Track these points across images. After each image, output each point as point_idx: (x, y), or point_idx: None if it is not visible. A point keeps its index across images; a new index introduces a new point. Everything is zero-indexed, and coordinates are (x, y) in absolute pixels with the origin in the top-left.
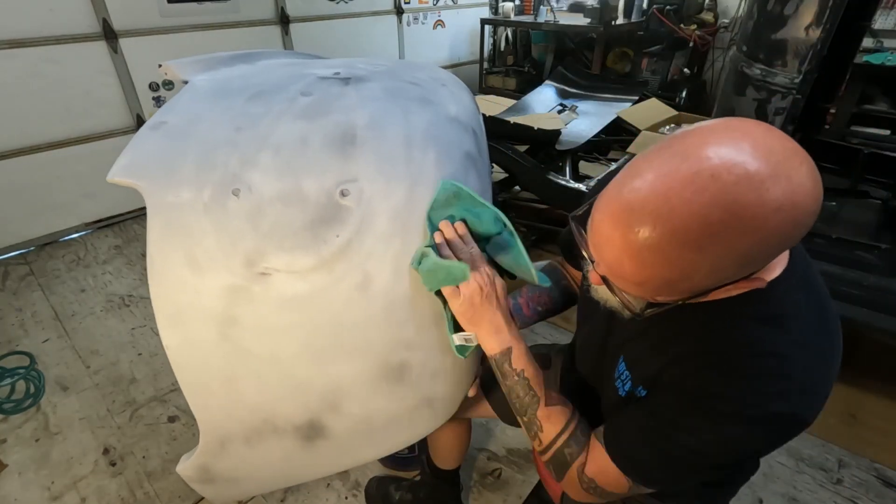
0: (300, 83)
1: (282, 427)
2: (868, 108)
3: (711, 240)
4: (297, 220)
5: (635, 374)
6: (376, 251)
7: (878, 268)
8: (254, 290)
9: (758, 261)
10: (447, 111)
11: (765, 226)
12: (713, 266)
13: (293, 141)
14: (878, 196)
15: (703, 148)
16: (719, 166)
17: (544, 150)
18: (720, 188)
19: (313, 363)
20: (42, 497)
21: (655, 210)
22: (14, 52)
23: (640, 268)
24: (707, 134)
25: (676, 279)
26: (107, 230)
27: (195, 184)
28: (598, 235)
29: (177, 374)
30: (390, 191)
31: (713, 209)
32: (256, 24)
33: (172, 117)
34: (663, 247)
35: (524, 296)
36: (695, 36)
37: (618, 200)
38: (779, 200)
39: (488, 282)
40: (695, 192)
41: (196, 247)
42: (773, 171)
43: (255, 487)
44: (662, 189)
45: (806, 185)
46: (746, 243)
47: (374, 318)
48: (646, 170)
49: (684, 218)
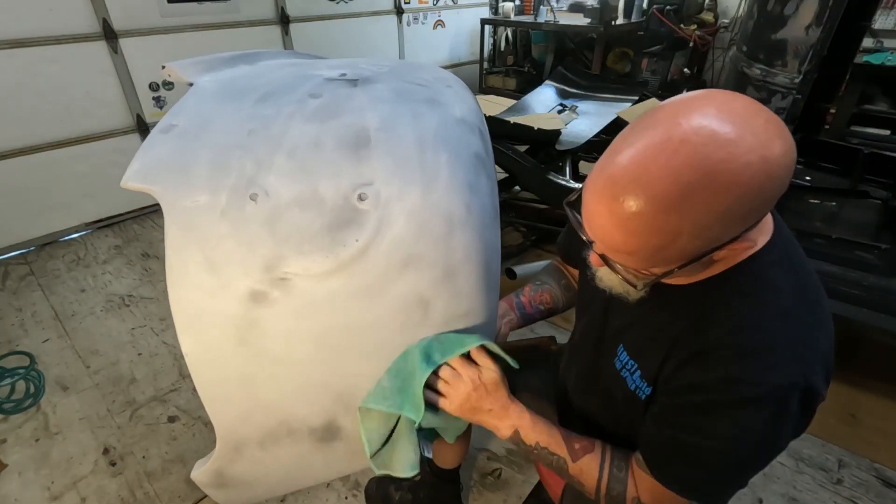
0: (307, 84)
1: (297, 429)
2: (868, 108)
3: (689, 200)
4: (315, 223)
5: (642, 364)
6: (394, 254)
7: (878, 268)
8: (273, 295)
9: (741, 218)
10: (454, 112)
11: (738, 181)
12: (696, 226)
13: (306, 143)
14: (878, 196)
15: (672, 118)
16: (688, 131)
17: (544, 150)
18: (691, 150)
19: (330, 365)
20: (42, 497)
21: (635, 179)
22: (14, 52)
23: (628, 236)
24: (675, 105)
25: (664, 244)
26: (107, 230)
27: (211, 187)
28: (587, 212)
29: (195, 380)
30: (406, 193)
31: (686, 170)
32: (256, 24)
33: (182, 120)
34: (646, 213)
35: (526, 295)
36: (695, 36)
37: (601, 176)
38: (748, 156)
39: (474, 383)
40: (668, 157)
41: (214, 251)
42: (739, 130)
43: (267, 491)
44: (639, 159)
45: (773, 139)
46: (724, 200)
47: (390, 320)
48: (624, 146)
49: (662, 183)
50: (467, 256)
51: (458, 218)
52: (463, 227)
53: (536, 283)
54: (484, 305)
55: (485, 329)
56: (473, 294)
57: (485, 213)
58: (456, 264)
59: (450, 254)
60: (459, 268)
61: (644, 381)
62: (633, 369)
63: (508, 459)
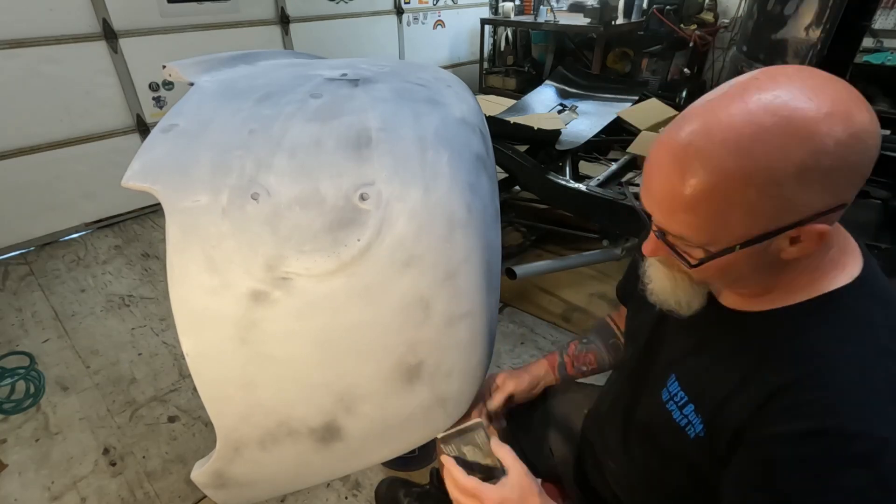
0: (308, 84)
1: (297, 429)
2: None
3: (762, 143)
4: (316, 222)
5: (692, 395)
6: (395, 254)
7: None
8: (274, 295)
9: (818, 183)
10: (455, 112)
11: (818, 130)
12: (767, 178)
13: (307, 143)
14: (878, 196)
15: (749, 75)
16: (766, 82)
17: (544, 150)
18: (768, 97)
19: (330, 365)
20: (42, 497)
21: (704, 123)
22: (14, 52)
23: (691, 186)
24: (754, 70)
25: (731, 199)
26: (107, 230)
27: (212, 187)
28: (648, 171)
29: (195, 380)
30: (407, 193)
31: (761, 113)
32: (256, 24)
33: (182, 120)
34: (713, 155)
35: (570, 354)
36: (695, 36)
37: (668, 130)
38: (830, 108)
39: (514, 492)
40: (743, 103)
41: (215, 251)
42: (821, 86)
43: (267, 491)
44: (711, 106)
45: (857, 103)
46: (801, 150)
47: (390, 320)
48: (695, 102)
49: (733, 124)
50: (468, 257)
51: (459, 218)
52: (464, 227)
53: (584, 340)
54: (485, 305)
55: (485, 329)
56: (474, 294)
57: (486, 214)
58: (457, 264)
59: (450, 254)
60: (460, 268)
61: (698, 417)
62: (684, 402)
63: None
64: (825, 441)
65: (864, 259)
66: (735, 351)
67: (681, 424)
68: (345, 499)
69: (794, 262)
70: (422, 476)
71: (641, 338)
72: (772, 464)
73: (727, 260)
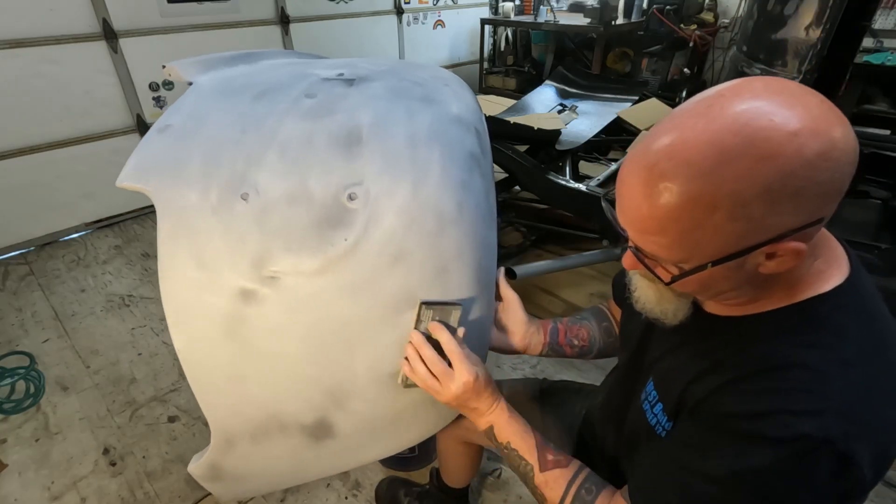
0: (303, 84)
1: (288, 425)
2: (868, 108)
3: (727, 167)
4: (303, 219)
5: (661, 392)
6: (383, 249)
7: (878, 268)
8: (262, 292)
9: (788, 202)
10: (450, 111)
11: (782, 151)
12: (733, 200)
13: (298, 140)
14: (878, 196)
15: (715, 92)
16: (731, 99)
17: (544, 150)
18: (731, 117)
19: (319, 362)
20: (42, 497)
21: (670, 145)
22: (14, 52)
23: (660, 209)
24: (720, 85)
25: (699, 220)
26: (107, 230)
27: (202, 185)
28: (620, 191)
29: (186, 373)
30: (396, 189)
31: (726, 135)
32: (256, 24)
33: (178, 119)
34: (679, 178)
35: (564, 324)
36: (695, 36)
37: (638, 150)
38: (795, 126)
39: (466, 385)
40: (706, 123)
41: (204, 248)
42: (788, 102)
43: (261, 485)
44: (677, 125)
45: (828, 118)
46: (765, 172)
47: (381, 316)
48: (663, 121)
49: (698, 148)
50: (459, 254)
51: (449, 215)
52: (454, 224)
53: (577, 316)
54: (477, 303)
55: (477, 327)
56: (466, 291)
57: (478, 212)
58: (447, 261)
59: (441, 250)
60: (451, 265)
61: (665, 415)
62: (655, 401)
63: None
64: (750, 418)
65: (852, 269)
66: (705, 351)
67: (651, 424)
68: (345, 498)
69: (776, 275)
70: (422, 476)
71: (633, 343)
72: (710, 431)
73: (705, 276)
